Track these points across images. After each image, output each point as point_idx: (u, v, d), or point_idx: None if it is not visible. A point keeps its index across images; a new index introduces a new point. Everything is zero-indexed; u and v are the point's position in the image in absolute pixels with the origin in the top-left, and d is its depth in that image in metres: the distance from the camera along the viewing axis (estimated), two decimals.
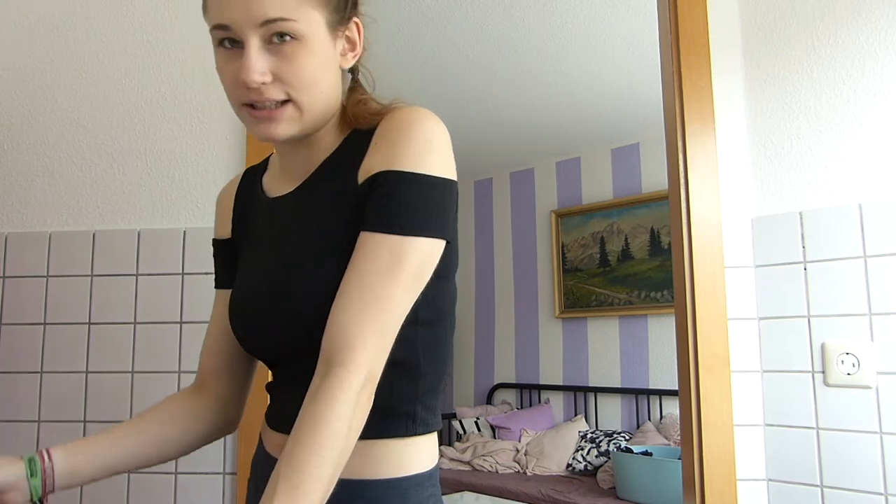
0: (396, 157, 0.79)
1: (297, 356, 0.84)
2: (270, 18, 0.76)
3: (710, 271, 1.47)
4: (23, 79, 1.67)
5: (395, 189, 0.78)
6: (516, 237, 5.38)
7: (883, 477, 1.30)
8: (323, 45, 0.81)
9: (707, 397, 1.44)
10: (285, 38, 0.78)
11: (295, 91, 0.80)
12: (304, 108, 0.81)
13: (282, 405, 0.90)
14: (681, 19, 1.54)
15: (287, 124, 0.81)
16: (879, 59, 1.38)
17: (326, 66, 0.82)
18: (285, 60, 0.78)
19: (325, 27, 0.81)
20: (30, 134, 1.66)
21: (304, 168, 0.90)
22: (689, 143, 1.51)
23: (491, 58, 3.47)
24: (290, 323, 0.82)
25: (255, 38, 0.77)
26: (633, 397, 4.54)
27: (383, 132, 0.82)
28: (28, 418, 1.55)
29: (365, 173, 0.81)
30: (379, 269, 0.76)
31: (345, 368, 0.72)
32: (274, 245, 0.89)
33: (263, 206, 0.94)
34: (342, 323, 0.74)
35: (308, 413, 0.71)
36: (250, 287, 0.90)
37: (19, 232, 1.62)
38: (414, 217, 0.77)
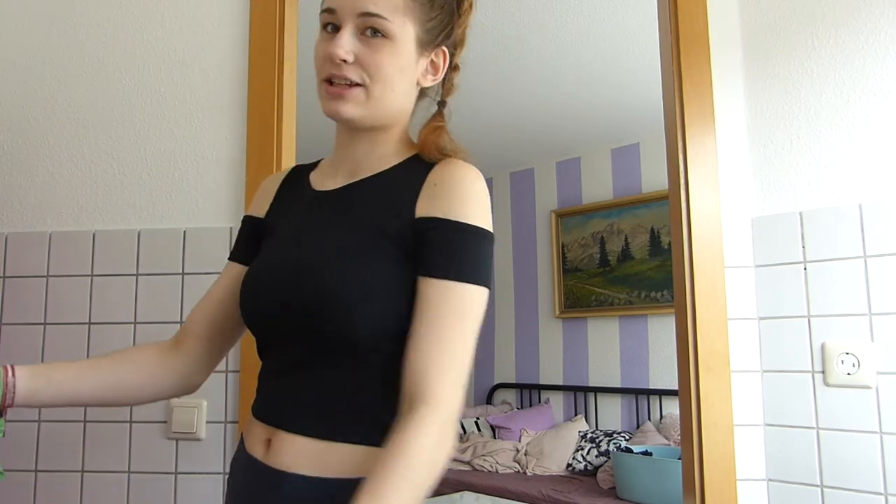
0: (462, 209, 0.88)
1: (295, 341, 0.90)
2: (369, 12, 0.89)
3: (710, 271, 1.47)
4: (23, 79, 1.67)
5: (462, 241, 0.87)
6: (516, 237, 5.38)
7: (883, 477, 1.30)
8: (408, 53, 0.93)
9: (707, 397, 1.44)
10: (377, 34, 0.90)
11: (370, 78, 0.91)
12: (373, 96, 0.91)
13: (266, 395, 0.95)
14: (681, 19, 1.54)
15: (353, 105, 0.91)
16: (879, 59, 1.39)
17: (404, 72, 0.93)
18: (371, 50, 0.90)
19: (415, 40, 0.93)
20: (30, 134, 1.66)
21: (356, 166, 0.99)
22: (689, 143, 1.51)
23: (491, 58, 3.47)
24: (304, 305, 0.87)
25: (351, 25, 0.90)
26: (633, 397, 4.54)
27: (446, 181, 0.90)
28: (28, 418, 1.55)
29: (424, 211, 0.89)
30: (452, 314, 0.84)
31: (427, 406, 0.80)
32: (309, 232, 0.96)
33: (307, 198, 1.01)
34: (422, 365, 0.82)
35: (393, 445, 0.77)
36: (275, 264, 0.96)
37: (19, 232, 1.62)
38: (479, 268, 0.87)
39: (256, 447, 0.93)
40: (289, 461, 0.87)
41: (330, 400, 0.88)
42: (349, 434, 0.86)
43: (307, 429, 0.88)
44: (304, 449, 0.87)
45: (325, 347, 0.88)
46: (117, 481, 1.52)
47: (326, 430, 0.87)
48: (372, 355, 0.87)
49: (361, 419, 0.86)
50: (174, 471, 1.52)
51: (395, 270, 0.88)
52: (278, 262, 0.95)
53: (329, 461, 0.85)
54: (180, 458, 1.52)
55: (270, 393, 0.95)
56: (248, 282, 0.97)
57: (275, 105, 1.58)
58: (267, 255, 1.00)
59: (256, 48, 1.60)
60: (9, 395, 0.89)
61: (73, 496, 1.52)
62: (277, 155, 1.57)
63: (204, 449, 1.52)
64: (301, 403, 0.89)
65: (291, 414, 0.90)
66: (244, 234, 1.09)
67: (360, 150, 0.98)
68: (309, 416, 0.88)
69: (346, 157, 1.00)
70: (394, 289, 0.87)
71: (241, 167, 1.58)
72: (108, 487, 1.52)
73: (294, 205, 1.03)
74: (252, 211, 1.10)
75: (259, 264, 0.99)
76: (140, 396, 1.02)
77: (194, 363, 1.05)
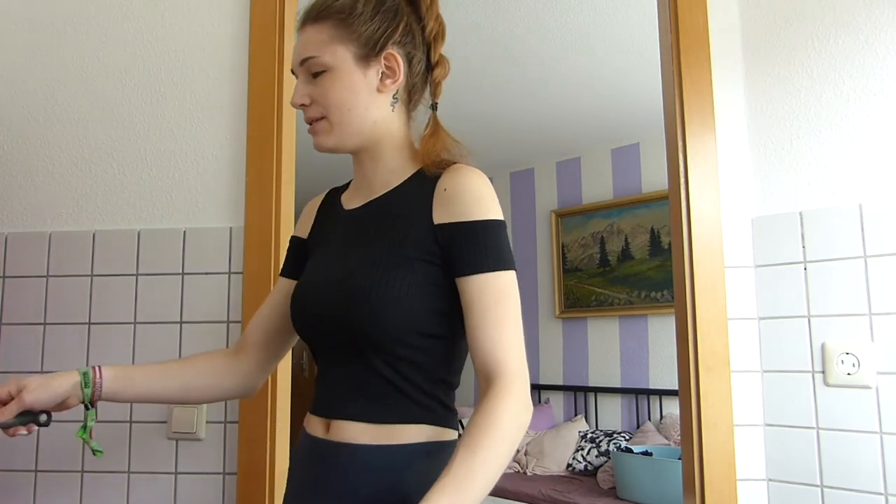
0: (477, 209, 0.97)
1: (338, 346, 1.01)
2: (304, 58, 1.02)
3: (710, 271, 1.47)
4: (23, 79, 1.67)
5: (478, 238, 0.96)
6: (516, 237, 5.38)
7: (883, 477, 1.30)
8: (350, 74, 1.02)
9: (707, 397, 1.44)
10: (320, 72, 1.02)
11: (327, 110, 1.02)
12: (334, 122, 1.03)
13: (321, 391, 1.06)
14: (681, 19, 1.54)
15: (324, 136, 1.04)
16: (879, 59, 1.39)
17: (354, 90, 1.02)
18: (319, 87, 1.02)
19: (353, 60, 1.02)
20: (30, 134, 1.66)
21: (371, 183, 1.09)
22: (689, 143, 1.51)
23: (491, 58, 3.47)
24: (339, 315, 0.99)
25: (302, 75, 1.04)
26: (633, 397, 4.54)
27: (457, 188, 0.99)
28: None
29: (442, 218, 0.98)
30: (498, 300, 0.94)
31: (503, 379, 0.91)
32: (342, 250, 1.06)
33: (340, 217, 1.12)
34: (488, 347, 0.93)
35: (480, 416, 0.88)
36: (316, 281, 1.07)
37: (19, 232, 1.62)
38: (504, 255, 0.97)
39: (317, 432, 1.04)
40: (349, 436, 0.99)
41: (375, 392, 0.98)
42: (399, 418, 0.97)
43: (360, 416, 0.99)
44: (362, 429, 0.98)
45: (361, 349, 0.98)
46: (117, 481, 1.52)
47: (378, 417, 0.98)
48: (407, 351, 0.97)
49: (408, 406, 0.98)
50: (174, 471, 1.52)
51: (419, 274, 0.97)
52: (319, 278, 1.07)
53: (386, 435, 0.97)
54: (180, 458, 1.52)
55: (324, 391, 1.05)
56: (297, 297, 1.09)
57: (275, 105, 1.58)
58: (310, 273, 1.10)
59: (256, 48, 1.60)
60: (97, 393, 1.05)
61: (73, 496, 1.52)
62: (277, 155, 1.57)
63: (204, 449, 1.52)
64: (351, 397, 1.00)
65: (345, 406, 1.00)
66: (291, 253, 1.21)
67: (367, 170, 1.09)
68: (360, 407, 0.99)
69: (361, 178, 1.11)
70: (419, 290, 0.97)
71: (241, 167, 1.58)
72: (108, 487, 1.53)
73: (330, 225, 1.15)
74: (297, 231, 1.22)
75: (304, 281, 1.10)
76: (205, 397, 1.16)
77: (253, 368, 1.17)
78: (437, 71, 1.10)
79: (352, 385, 1.00)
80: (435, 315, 0.98)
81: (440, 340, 0.99)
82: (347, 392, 1.01)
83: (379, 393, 0.98)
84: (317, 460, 1.02)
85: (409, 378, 0.98)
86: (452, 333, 1.00)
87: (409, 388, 0.98)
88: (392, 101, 1.05)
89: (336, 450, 0.99)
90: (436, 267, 0.98)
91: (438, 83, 1.11)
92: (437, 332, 0.98)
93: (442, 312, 0.98)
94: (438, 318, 0.98)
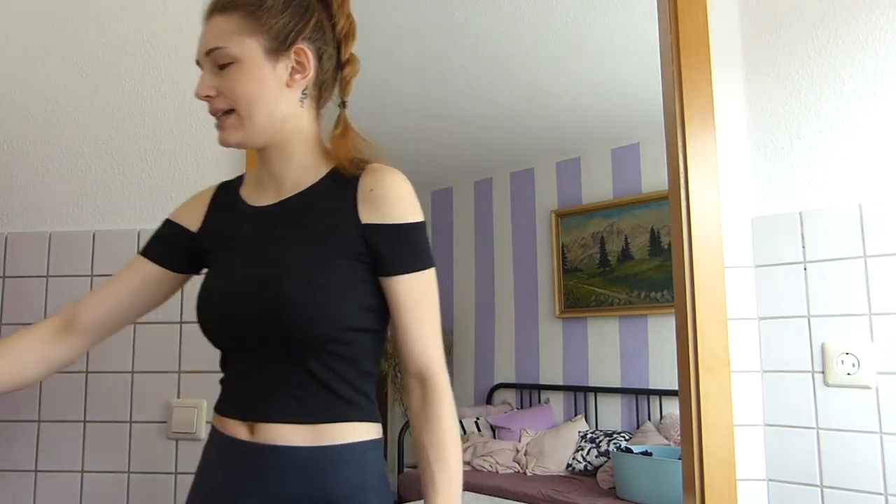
0: (401, 211, 1.01)
1: (265, 347, 0.99)
2: (210, 49, 1.00)
3: (710, 271, 1.47)
4: (23, 79, 1.67)
5: (407, 239, 1.01)
6: (516, 237, 5.38)
7: (883, 477, 1.30)
8: (258, 65, 1.00)
9: (707, 397, 1.44)
10: (227, 63, 0.99)
11: (234, 102, 1.00)
12: (243, 116, 1.00)
13: (239, 392, 1.04)
14: (681, 19, 1.54)
15: (231, 131, 1.02)
16: (879, 59, 1.38)
17: (263, 83, 1.00)
18: (225, 78, 1.00)
19: (263, 52, 1.00)
20: (30, 134, 1.66)
21: (280, 180, 1.07)
22: (689, 142, 1.51)
23: (491, 58, 3.47)
24: (270, 315, 0.97)
25: (207, 65, 1.02)
26: (633, 397, 4.54)
27: (382, 190, 1.01)
28: (28, 418, 1.55)
29: (369, 218, 1.00)
30: (424, 299, 1.02)
31: (437, 377, 1.02)
32: (261, 249, 1.04)
33: (246, 215, 1.09)
34: (419, 348, 1.02)
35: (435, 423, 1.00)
36: (237, 280, 1.03)
37: (19, 232, 1.62)
38: (427, 254, 1.03)
39: (235, 432, 1.01)
40: (279, 438, 0.98)
41: (306, 392, 0.99)
42: (331, 417, 0.99)
43: (291, 418, 0.98)
44: (293, 430, 0.98)
45: (292, 349, 0.98)
46: (117, 481, 1.52)
47: (310, 417, 0.98)
48: (340, 347, 0.98)
49: (337, 404, 0.99)
50: (174, 471, 1.52)
51: (349, 273, 0.99)
52: (239, 277, 1.03)
53: (319, 436, 0.98)
54: (180, 458, 1.52)
55: (243, 392, 1.03)
56: (211, 297, 1.05)
57: None
58: (224, 273, 1.06)
59: None
60: None
61: (72, 496, 1.52)
62: None
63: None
64: (279, 398, 0.99)
65: (271, 408, 0.99)
66: (165, 238, 1.16)
67: (276, 167, 1.07)
68: (290, 407, 0.98)
69: (268, 175, 1.08)
70: (352, 288, 0.99)
71: (241, 167, 1.58)
72: (108, 487, 1.52)
73: (233, 221, 1.10)
74: (179, 219, 1.16)
75: (217, 281, 1.06)
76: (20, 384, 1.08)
77: (82, 349, 1.13)
78: (347, 69, 1.09)
79: (279, 386, 0.99)
80: (366, 311, 1.01)
81: (370, 334, 1.02)
82: (274, 393, 0.99)
83: (310, 393, 0.99)
84: (241, 463, 1.00)
85: (340, 374, 0.99)
86: (380, 327, 1.04)
87: (340, 385, 0.99)
88: (301, 97, 1.04)
89: (265, 452, 0.98)
90: (364, 265, 1.00)
91: (348, 81, 1.09)
92: (367, 327, 1.01)
93: (371, 308, 1.01)
94: (369, 313, 1.01)
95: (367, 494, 0.99)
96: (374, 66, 3.47)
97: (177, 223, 1.16)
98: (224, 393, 1.07)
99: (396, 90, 3.88)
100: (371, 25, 3.02)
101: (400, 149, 4.97)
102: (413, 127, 4.53)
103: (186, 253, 1.14)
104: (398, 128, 4.53)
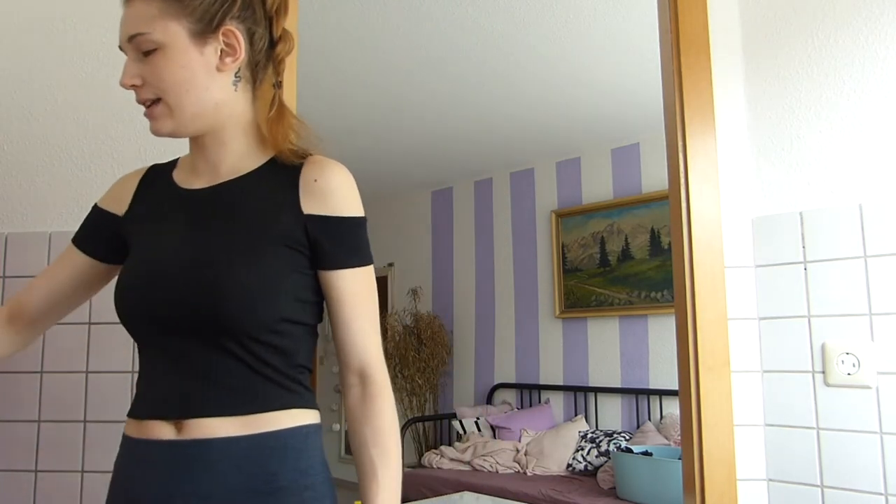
0: (345, 205, 0.99)
1: (194, 336, 0.94)
2: (131, 35, 0.95)
3: (710, 271, 1.47)
4: (23, 78, 1.67)
5: (351, 233, 1.00)
6: (516, 237, 5.38)
7: (883, 477, 1.30)
8: (183, 51, 0.94)
9: (707, 397, 1.44)
10: (151, 50, 0.94)
11: (161, 92, 0.95)
12: (172, 105, 0.95)
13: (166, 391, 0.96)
14: (681, 19, 1.54)
15: (161, 121, 0.97)
16: (879, 59, 1.38)
17: (191, 69, 0.95)
18: (150, 66, 0.95)
19: (188, 36, 0.94)
20: (30, 134, 1.66)
21: (214, 167, 1.03)
22: (689, 143, 1.51)
23: (491, 57, 3.47)
24: (204, 302, 0.92)
25: (130, 52, 0.96)
26: (633, 397, 4.54)
27: (326, 181, 0.99)
28: (28, 418, 1.55)
29: (312, 209, 0.98)
30: (365, 295, 1.01)
31: (378, 374, 1.00)
32: (191, 233, 0.99)
33: (176, 196, 1.05)
34: (361, 344, 1.00)
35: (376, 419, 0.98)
36: (164, 263, 0.98)
37: (19, 232, 1.62)
38: (368, 250, 1.02)
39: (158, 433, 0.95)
40: (211, 433, 0.93)
41: (238, 383, 0.94)
42: (267, 405, 0.95)
43: (224, 410, 0.93)
44: (227, 423, 0.93)
45: (226, 338, 0.93)
46: None
47: (244, 408, 0.94)
48: (273, 337, 0.95)
49: (274, 392, 0.96)
50: None
51: (287, 262, 0.96)
52: (168, 260, 0.98)
53: (255, 425, 0.94)
54: None
55: (167, 390, 0.96)
56: (133, 281, 1.00)
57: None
58: (149, 255, 1.01)
59: None
60: None
61: (72, 496, 1.52)
62: None
63: None
64: (208, 391, 0.94)
65: (200, 402, 0.94)
66: (94, 226, 1.12)
67: (211, 153, 1.02)
68: (221, 399, 0.94)
69: (202, 159, 1.04)
70: (288, 279, 0.96)
71: None
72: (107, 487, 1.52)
73: (162, 203, 1.05)
74: (106, 205, 1.12)
75: (142, 263, 1.01)
76: None
77: (25, 340, 1.11)
78: (279, 46, 1.03)
79: (209, 377, 0.94)
80: (300, 303, 0.98)
81: (304, 328, 0.99)
82: (204, 385, 0.94)
83: (242, 383, 0.94)
84: (169, 465, 0.93)
85: (272, 364, 0.95)
86: (314, 322, 1.02)
87: (276, 375, 0.96)
88: (234, 81, 0.99)
89: (197, 448, 0.92)
90: (302, 256, 0.98)
91: (281, 60, 1.05)
92: (302, 320, 0.98)
93: (307, 301, 0.99)
94: (304, 305, 0.99)
95: (313, 479, 0.96)
96: (373, 67, 3.47)
97: (103, 209, 1.12)
98: (140, 394, 1.00)
99: (396, 90, 3.87)
100: (371, 26, 3.02)
101: (400, 149, 4.97)
102: (413, 127, 4.53)
103: (116, 241, 1.08)
104: (398, 128, 4.53)
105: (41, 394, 1.56)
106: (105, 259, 1.10)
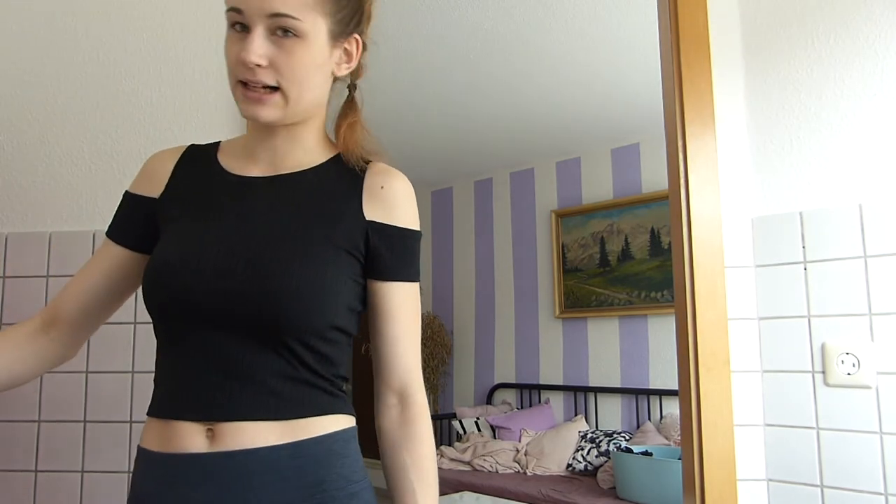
0: (409, 218, 0.99)
1: (236, 331, 0.88)
2: (279, 13, 0.87)
3: (710, 271, 1.47)
4: (23, 79, 1.67)
5: (410, 247, 0.99)
6: (516, 237, 5.38)
7: (883, 477, 1.30)
8: (321, 48, 0.92)
9: (707, 397, 1.44)
10: (288, 34, 0.88)
11: (286, 81, 0.90)
12: (291, 99, 0.91)
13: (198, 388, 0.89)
14: (681, 19, 1.54)
15: (272, 109, 0.91)
16: (879, 59, 1.38)
17: (320, 67, 0.93)
18: (284, 52, 0.89)
19: (327, 34, 0.92)
20: (30, 134, 1.66)
21: (277, 157, 0.99)
22: (689, 142, 1.51)
23: (491, 57, 3.47)
24: (261, 296, 0.88)
25: (262, 27, 0.88)
26: (633, 397, 4.54)
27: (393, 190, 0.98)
28: (28, 418, 1.55)
29: (376, 216, 0.97)
30: (414, 312, 0.99)
31: (419, 395, 0.99)
32: (247, 222, 0.94)
33: (227, 182, 0.99)
34: (406, 363, 0.98)
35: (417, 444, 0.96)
36: (213, 254, 0.91)
37: (19, 232, 1.62)
38: (419, 268, 1.00)
39: (189, 444, 0.87)
40: (251, 440, 0.87)
41: (282, 386, 0.89)
42: (311, 410, 0.92)
43: (265, 414, 0.88)
44: (268, 428, 0.88)
45: (278, 340, 0.88)
46: (117, 481, 1.52)
47: (288, 412, 0.89)
48: (322, 344, 0.92)
49: (317, 397, 0.93)
50: None
51: (345, 269, 0.94)
52: (215, 249, 0.91)
53: (298, 431, 0.90)
54: None
55: (199, 387, 0.89)
56: (174, 267, 0.91)
57: None
58: (193, 241, 0.93)
59: None
60: None
61: (73, 496, 1.52)
62: None
63: None
64: (247, 393, 0.88)
65: (241, 404, 0.88)
66: (126, 214, 1.05)
67: (279, 142, 0.98)
68: (263, 402, 0.88)
69: (264, 147, 0.99)
70: (345, 286, 0.94)
71: None
72: (108, 487, 1.52)
73: (208, 186, 0.99)
74: (138, 189, 1.04)
75: (186, 249, 0.93)
76: (8, 383, 0.99)
77: (68, 345, 1.04)
78: (364, 53, 1.03)
79: (249, 379, 0.88)
80: (349, 312, 0.95)
81: (347, 337, 0.97)
82: (241, 387, 0.88)
83: (286, 387, 0.89)
84: (204, 479, 0.85)
85: (316, 370, 0.92)
86: (355, 332, 0.98)
87: (317, 379, 0.92)
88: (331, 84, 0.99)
89: (236, 460, 0.85)
90: (359, 264, 0.95)
91: (362, 65, 1.04)
92: (348, 329, 0.96)
93: (354, 309, 0.96)
94: (351, 314, 0.96)
95: (358, 486, 0.93)
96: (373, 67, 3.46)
97: (135, 194, 1.04)
98: (166, 392, 0.93)
99: (396, 91, 3.87)
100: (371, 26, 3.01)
101: (400, 149, 4.97)
102: (413, 127, 4.53)
103: (151, 226, 1.01)
104: (398, 128, 4.53)
105: (41, 394, 1.56)
106: (139, 248, 1.02)
